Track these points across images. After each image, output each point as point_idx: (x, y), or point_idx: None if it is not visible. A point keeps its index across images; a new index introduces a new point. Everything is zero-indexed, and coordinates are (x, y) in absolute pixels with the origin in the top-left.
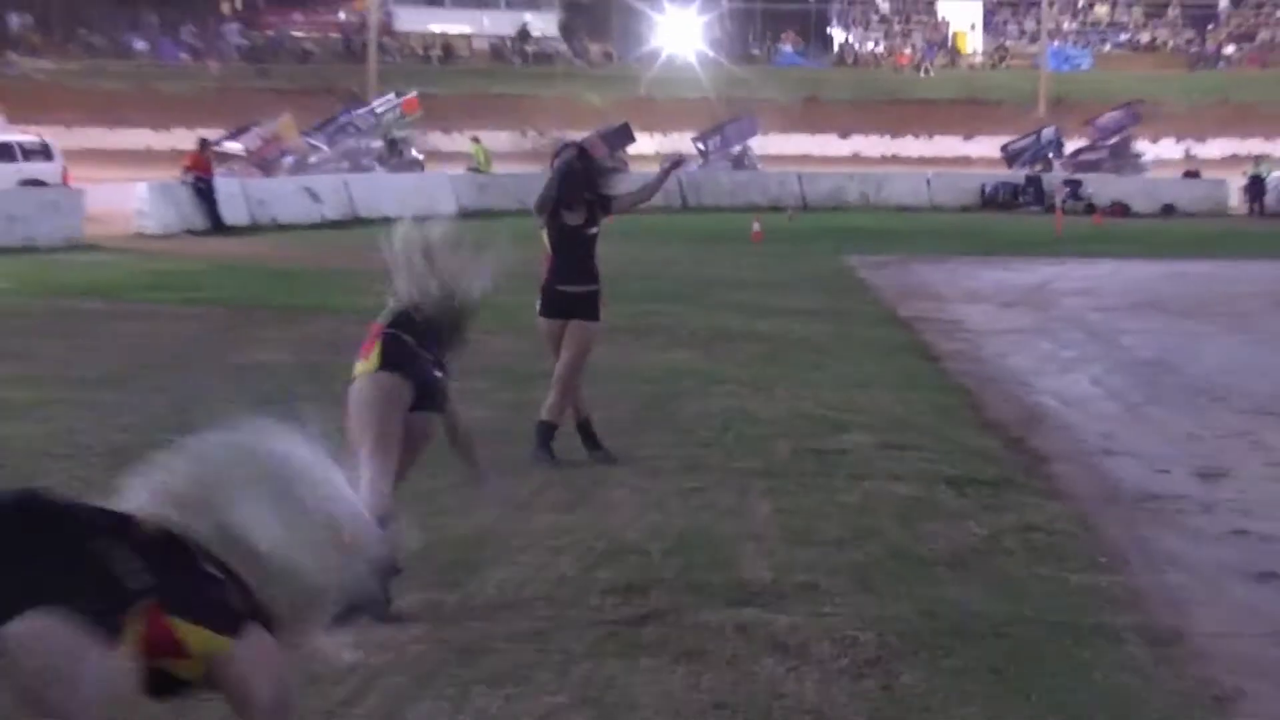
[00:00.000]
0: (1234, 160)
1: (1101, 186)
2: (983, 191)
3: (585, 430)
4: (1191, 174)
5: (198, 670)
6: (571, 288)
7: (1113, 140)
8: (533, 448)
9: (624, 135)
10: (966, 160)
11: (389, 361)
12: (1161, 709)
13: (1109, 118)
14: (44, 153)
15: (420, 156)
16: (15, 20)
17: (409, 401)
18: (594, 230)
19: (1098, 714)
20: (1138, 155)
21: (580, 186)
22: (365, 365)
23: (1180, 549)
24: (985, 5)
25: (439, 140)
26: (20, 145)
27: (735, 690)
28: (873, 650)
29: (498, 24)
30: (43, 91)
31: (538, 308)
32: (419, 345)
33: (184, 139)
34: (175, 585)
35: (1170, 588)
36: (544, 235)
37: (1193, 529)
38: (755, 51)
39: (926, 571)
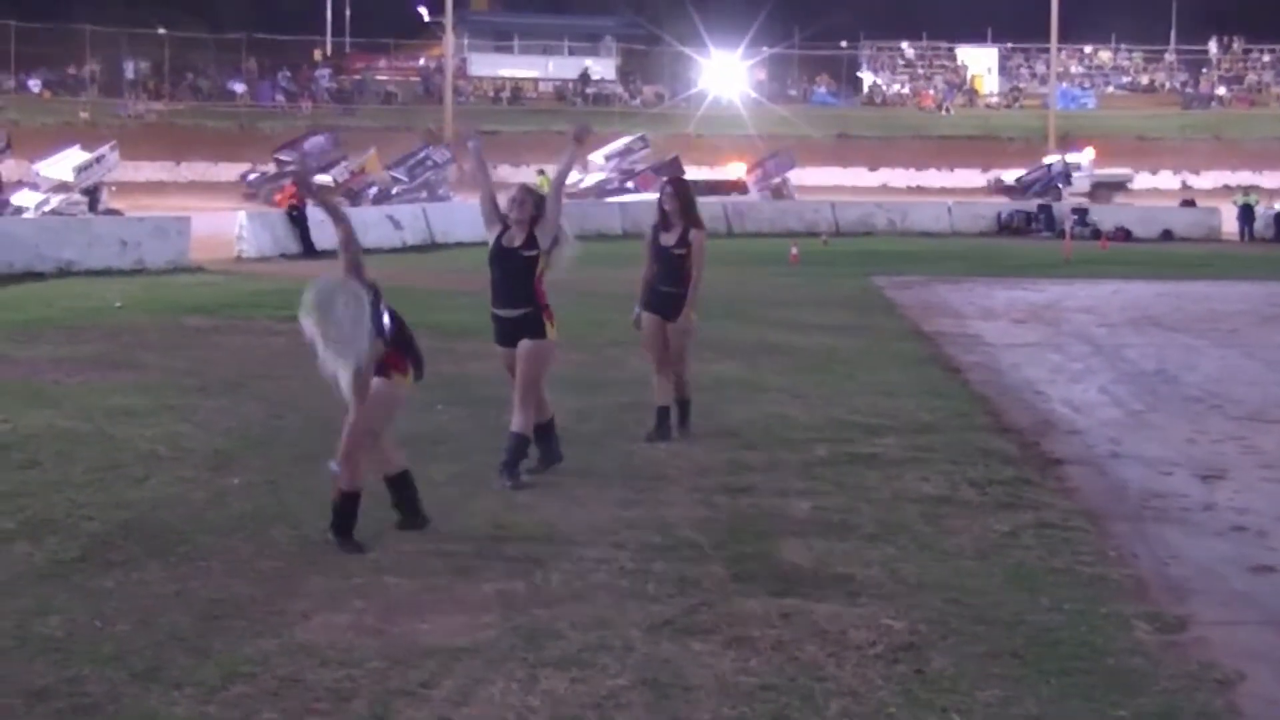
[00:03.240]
0: (1225, 190)
1: (1106, 214)
2: (999, 219)
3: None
4: (1188, 203)
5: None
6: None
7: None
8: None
9: (674, 169)
10: (984, 190)
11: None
12: (1168, 690)
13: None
14: None
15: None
16: (130, 66)
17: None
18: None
19: (1110, 694)
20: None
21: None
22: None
23: (1183, 544)
24: (1000, 51)
25: (508, 173)
26: None
27: (780, 673)
28: (905, 636)
29: (561, 69)
30: (154, 131)
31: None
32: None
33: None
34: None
35: (1175, 579)
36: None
37: (1194, 525)
38: (793, 93)
39: (952, 564)
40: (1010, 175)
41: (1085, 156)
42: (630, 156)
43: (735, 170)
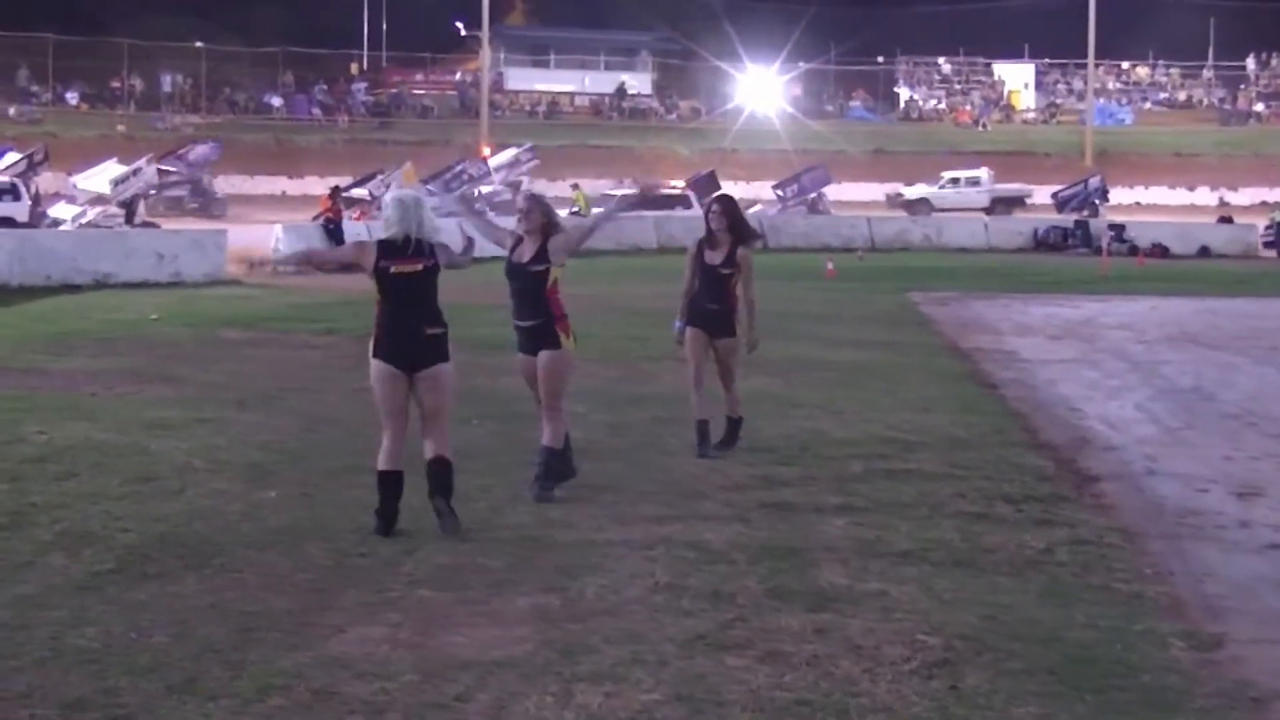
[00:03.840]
0: (1263, 207)
1: (1143, 230)
2: (1035, 234)
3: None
4: (1225, 219)
5: None
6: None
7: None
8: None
9: (710, 183)
10: (1020, 206)
11: None
12: (1204, 708)
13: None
14: (13, 192)
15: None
16: (167, 80)
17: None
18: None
19: (1145, 712)
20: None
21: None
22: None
23: (1219, 561)
24: (1037, 66)
25: (543, 188)
26: None
27: (814, 688)
28: (939, 653)
29: (597, 83)
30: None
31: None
32: None
33: (315, 186)
34: None
35: (1210, 597)
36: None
37: (1230, 543)
38: (828, 108)
39: (987, 581)
40: (914, 191)
41: (983, 173)
42: (519, 168)
43: (675, 184)
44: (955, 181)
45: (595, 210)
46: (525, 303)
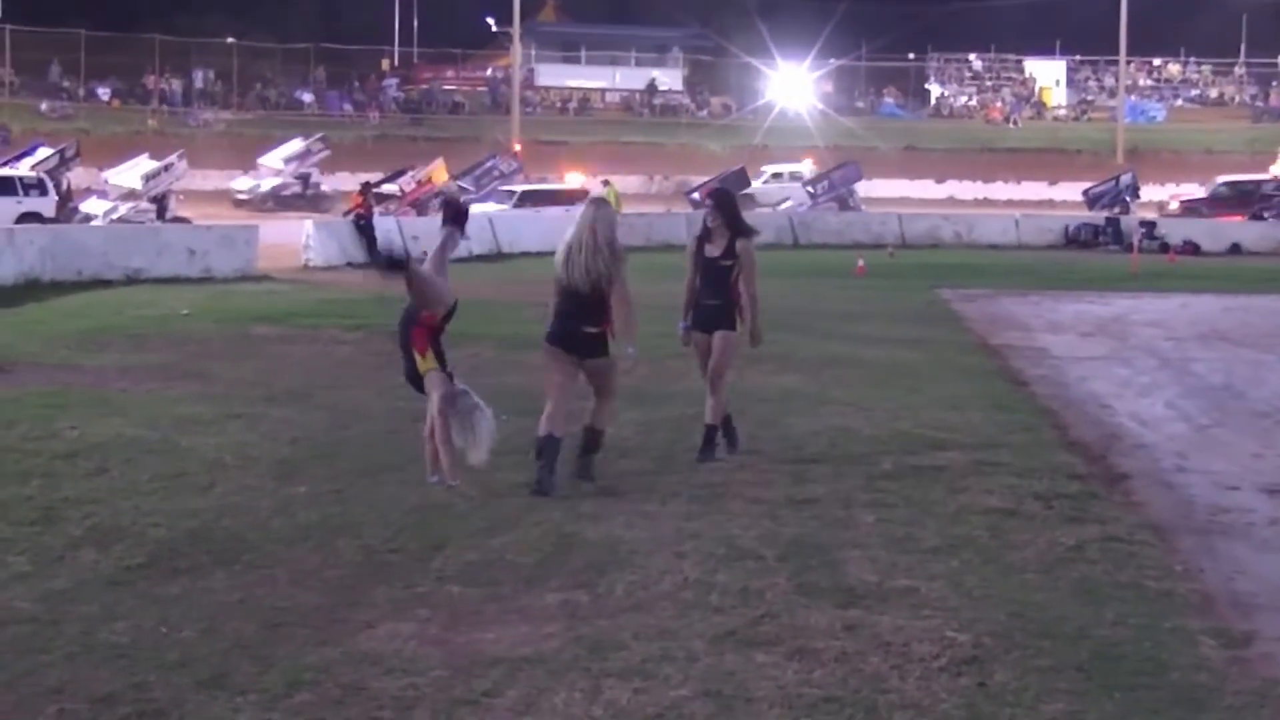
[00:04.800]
0: None
1: (1174, 227)
2: (1066, 231)
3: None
4: (1257, 216)
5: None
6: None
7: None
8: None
9: (741, 179)
10: (1051, 203)
11: None
12: (1234, 706)
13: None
14: (39, 187)
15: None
16: (199, 76)
17: None
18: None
19: (1175, 710)
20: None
21: None
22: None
23: (1249, 559)
24: (1068, 63)
25: (575, 183)
26: (21, 180)
27: (843, 685)
28: (968, 650)
29: (628, 79)
30: (222, 140)
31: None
32: None
33: (347, 182)
34: None
35: (1241, 594)
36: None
37: (1260, 540)
38: (859, 105)
39: (1017, 578)
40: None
41: (804, 166)
42: (309, 159)
43: (574, 179)
44: (778, 176)
45: (624, 209)
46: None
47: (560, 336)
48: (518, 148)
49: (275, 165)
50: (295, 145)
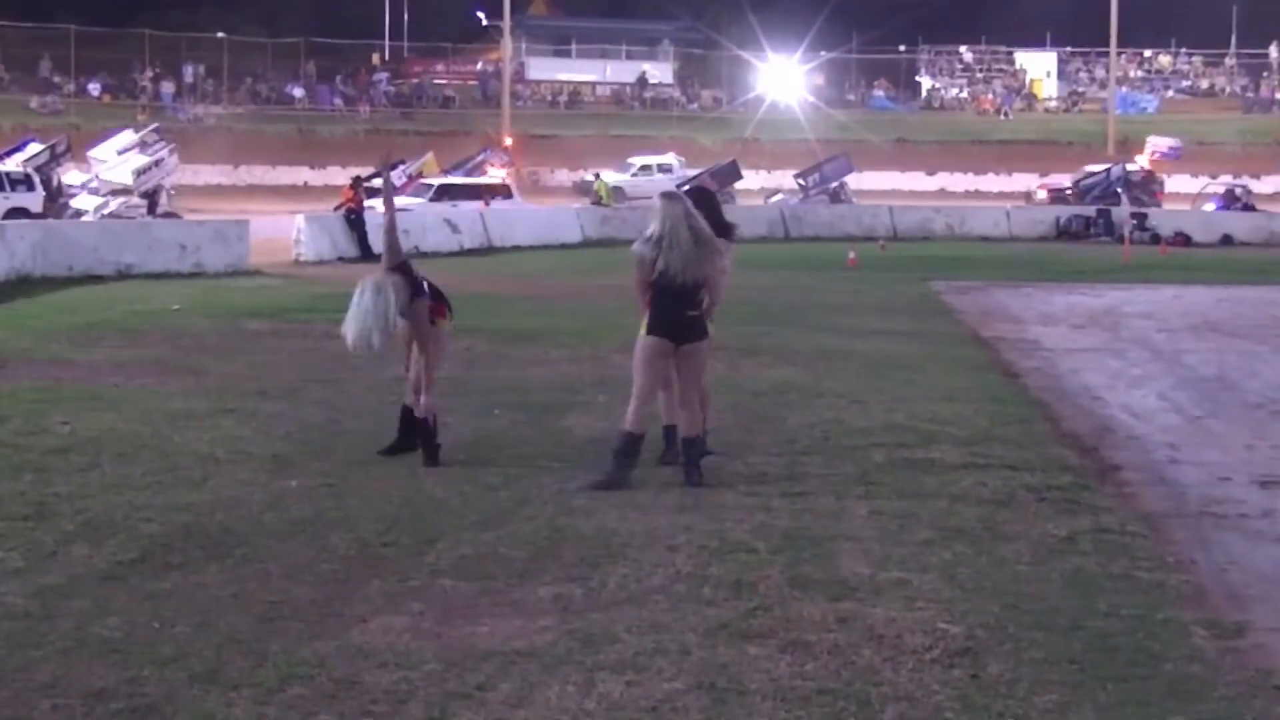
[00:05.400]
0: None
1: (1165, 219)
2: (1057, 223)
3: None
4: (1248, 208)
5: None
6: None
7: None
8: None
9: (732, 172)
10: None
11: None
12: (1227, 697)
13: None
14: (26, 183)
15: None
16: (189, 70)
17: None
18: None
19: (1168, 701)
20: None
21: None
22: None
23: (1242, 550)
24: (1059, 55)
25: (566, 177)
26: (8, 176)
27: (836, 677)
28: (961, 642)
29: (619, 72)
30: (212, 135)
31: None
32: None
33: (337, 176)
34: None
35: (1233, 585)
36: None
37: (1253, 532)
38: (850, 97)
39: (1009, 570)
40: (610, 178)
41: (671, 158)
42: (155, 172)
43: (495, 174)
44: (646, 169)
45: (614, 203)
46: (689, 296)
47: (663, 324)
48: (509, 141)
49: (120, 179)
50: (127, 137)
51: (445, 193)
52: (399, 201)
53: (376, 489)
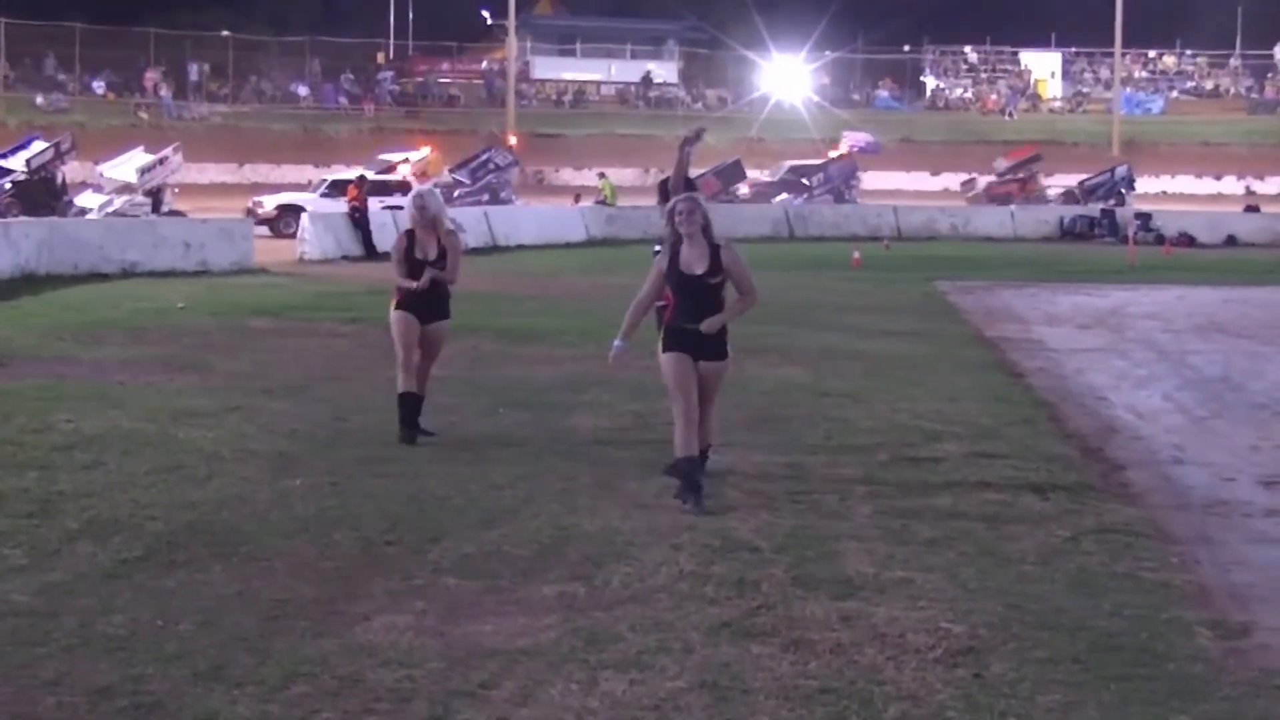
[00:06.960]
0: None
1: (1169, 220)
2: (1062, 224)
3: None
4: (1252, 208)
5: None
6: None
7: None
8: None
9: (736, 172)
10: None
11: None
12: (1230, 697)
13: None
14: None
15: None
16: (194, 69)
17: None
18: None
19: (1172, 700)
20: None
21: None
22: None
23: (1246, 550)
24: (1064, 55)
25: (570, 176)
26: None
27: (839, 676)
28: (965, 641)
29: (624, 72)
30: (218, 133)
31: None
32: None
33: (342, 175)
34: None
35: (1237, 585)
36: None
37: (1258, 532)
38: (855, 97)
39: (1013, 569)
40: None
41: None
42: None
43: (403, 169)
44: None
45: (619, 202)
46: (695, 311)
47: (678, 334)
48: (513, 140)
49: (124, 177)
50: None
51: (338, 188)
52: (388, 200)
53: (380, 487)
